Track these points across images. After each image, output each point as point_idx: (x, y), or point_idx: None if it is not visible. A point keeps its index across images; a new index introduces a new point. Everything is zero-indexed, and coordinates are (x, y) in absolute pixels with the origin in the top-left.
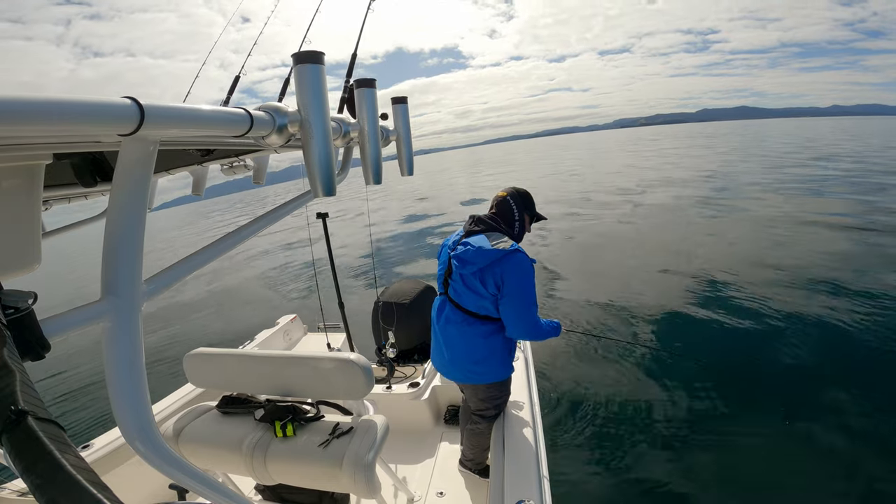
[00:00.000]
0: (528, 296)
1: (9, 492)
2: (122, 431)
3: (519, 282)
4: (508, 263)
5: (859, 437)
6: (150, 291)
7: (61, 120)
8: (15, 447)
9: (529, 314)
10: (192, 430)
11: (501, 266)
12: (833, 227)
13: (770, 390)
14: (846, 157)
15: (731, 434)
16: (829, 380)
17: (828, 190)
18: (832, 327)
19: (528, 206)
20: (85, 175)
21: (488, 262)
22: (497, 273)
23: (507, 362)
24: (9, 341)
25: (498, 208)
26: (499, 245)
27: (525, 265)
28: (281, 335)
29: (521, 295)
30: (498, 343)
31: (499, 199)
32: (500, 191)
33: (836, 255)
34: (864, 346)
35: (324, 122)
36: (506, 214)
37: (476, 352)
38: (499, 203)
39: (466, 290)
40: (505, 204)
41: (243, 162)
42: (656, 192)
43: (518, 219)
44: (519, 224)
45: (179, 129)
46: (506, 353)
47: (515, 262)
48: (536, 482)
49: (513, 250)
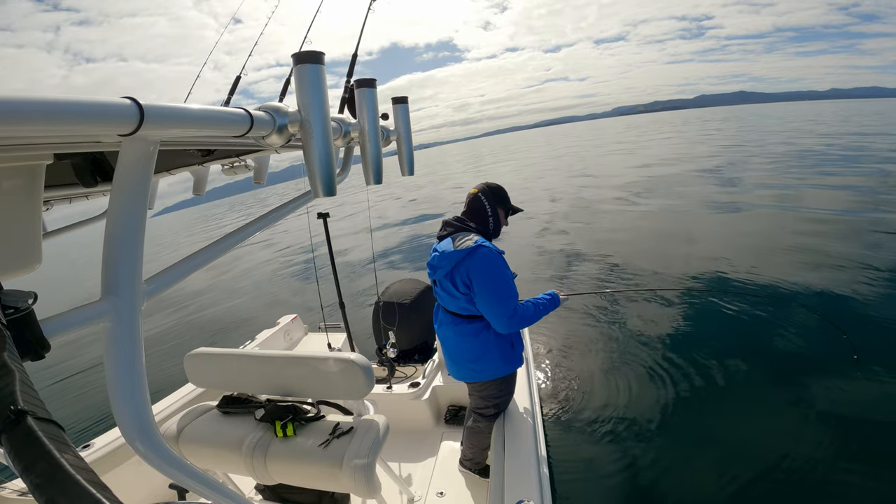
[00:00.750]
0: (499, 288)
1: (9, 492)
2: (122, 431)
3: (486, 276)
4: (471, 261)
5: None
6: (150, 291)
7: (61, 120)
8: (14, 447)
9: (505, 307)
10: (193, 430)
11: (465, 265)
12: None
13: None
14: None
15: (739, 433)
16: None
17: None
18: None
19: (500, 200)
20: (85, 175)
21: (453, 263)
22: (463, 272)
23: (506, 357)
24: (9, 341)
25: (469, 206)
26: (462, 244)
27: (489, 259)
28: (281, 335)
29: (490, 289)
30: (490, 339)
31: (470, 197)
32: (473, 188)
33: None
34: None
35: (324, 122)
36: (478, 212)
37: (470, 350)
38: (471, 201)
39: (444, 293)
40: (476, 201)
41: (244, 162)
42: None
43: (491, 214)
44: (493, 219)
45: (179, 129)
46: (503, 347)
47: (478, 258)
48: (536, 482)
49: (475, 247)
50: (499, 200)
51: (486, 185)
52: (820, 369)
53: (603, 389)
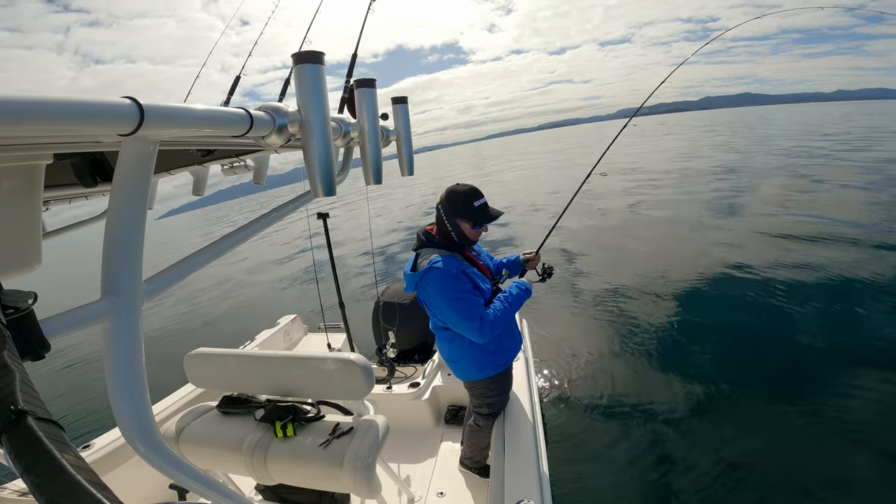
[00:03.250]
0: (456, 305)
1: (9, 492)
2: (122, 431)
3: (439, 298)
4: (425, 284)
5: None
6: (150, 291)
7: (61, 120)
8: (15, 447)
9: (468, 321)
10: (193, 430)
11: (421, 288)
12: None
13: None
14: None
15: (738, 432)
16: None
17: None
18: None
19: (457, 210)
20: (85, 175)
21: (413, 285)
22: (421, 295)
23: (480, 363)
24: (9, 341)
25: (435, 218)
26: (421, 265)
27: (438, 281)
28: (281, 335)
29: (448, 310)
30: (464, 346)
31: (436, 208)
32: (439, 195)
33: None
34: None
35: (324, 122)
36: (439, 225)
37: (450, 353)
38: (436, 212)
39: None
40: (437, 214)
41: (244, 162)
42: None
43: (451, 228)
44: (455, 232)
45: (179, 129)
46: (476, 354)
47: (430, 281)
48: (536, 482)
49: (426, 270)
50: (455, 210)
51: (448, 192)
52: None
53: (603, 389)
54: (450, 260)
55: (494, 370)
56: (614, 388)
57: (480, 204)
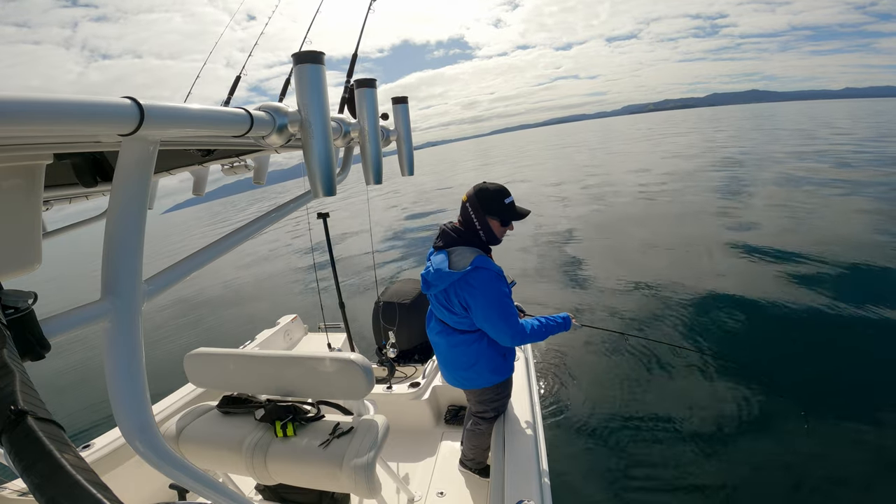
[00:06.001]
0: (500, 309)
1: (9, 492)
2: (122, 431)
3: (485, 300)
4: (468, 284)
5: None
6: (150, 291)
7: (61, 120)
8: (15, 447)
9: (505, 327)
10: (193, 430)
11: (461, 287)
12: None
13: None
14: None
15: (740, 436)
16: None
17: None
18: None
19: (488, 208)
20: (85, 175)
21: (447, 283)
22: (460, 294)
23: (497, 368)
24: (9, 341)
25: (461, 215)
26: (459, 263)
27: (487, 282)
28: (281, 335)
29: (491, 312)
30: (481, 350)
31: (461, 205)
32: (466, 192)
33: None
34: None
35: (324, 121)
36: (467, 223)
37: (462, 359)
38: (461, 210)
39: (439, 307)
40: (464, 211)
41: (244, 162)
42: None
43: (480, 226)
44: (484, 231)
45: (179, 129)
46: (493, 359)
47: (476, 282)
48: (536, 482)
49: (472, 269)
50: (486, 209)
51: (476, 189)
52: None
53: (603, 389)
54: (491, 261)
55: (503, 376)
56: (615, 388)
57: (510, 202)
